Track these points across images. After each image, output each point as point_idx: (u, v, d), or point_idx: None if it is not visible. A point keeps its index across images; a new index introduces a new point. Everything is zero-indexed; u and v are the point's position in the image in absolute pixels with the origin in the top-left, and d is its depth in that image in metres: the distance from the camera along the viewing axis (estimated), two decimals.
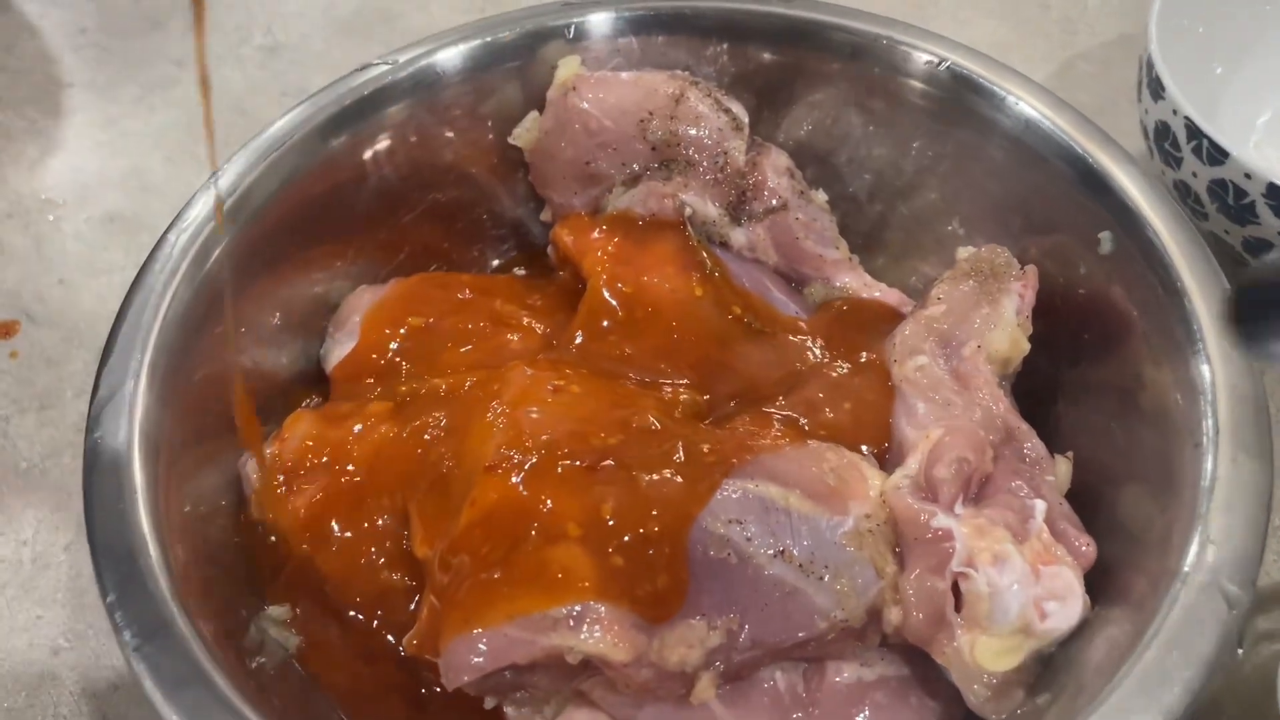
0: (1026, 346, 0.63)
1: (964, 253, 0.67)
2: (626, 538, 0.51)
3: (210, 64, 0.99)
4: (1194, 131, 0.73)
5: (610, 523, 0.52)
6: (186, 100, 0.96)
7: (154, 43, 1.01)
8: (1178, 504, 0.54)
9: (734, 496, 0.54)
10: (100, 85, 0.98)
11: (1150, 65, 0.77)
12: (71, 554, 0.72)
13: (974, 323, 0.62)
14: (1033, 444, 0.60)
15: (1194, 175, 0.75)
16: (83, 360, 0.82)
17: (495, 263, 0.79)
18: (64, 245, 0.88)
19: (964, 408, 0.59)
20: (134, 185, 0.91)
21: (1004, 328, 0.62)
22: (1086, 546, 0.56)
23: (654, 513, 0.52)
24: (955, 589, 0.54)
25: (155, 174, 0.92)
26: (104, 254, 0.87)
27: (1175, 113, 0.74)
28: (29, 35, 1.02)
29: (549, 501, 0.52)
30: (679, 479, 0.54)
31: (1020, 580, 0.53)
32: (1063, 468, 0.61)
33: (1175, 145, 0.75)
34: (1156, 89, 0.76)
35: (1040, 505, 0.56)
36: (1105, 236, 0.64)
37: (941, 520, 0.55)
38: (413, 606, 0.58)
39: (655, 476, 0.54)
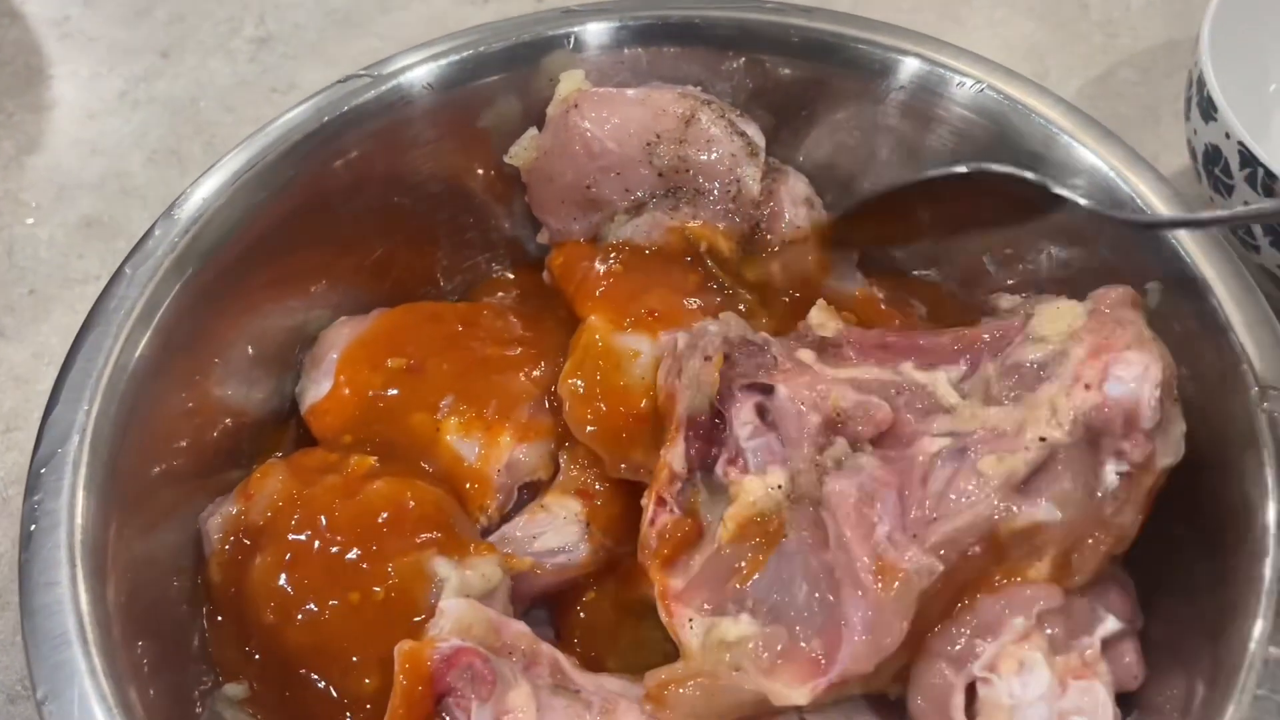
0: None
1: (1007, 302, 0.60)
2: None
3: (197, 55, 0.93)
4: (1248, 158, 0.67)
5: None
6: (171, 96, 0.91)
7: (140, 33, 0.95)
8: (1233, 606, 0.49)
9: None
10: (82, 78, 0.93)
11: (1201, 84, 0.71)
12: None
13: None
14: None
15: (1246, 205, 0.68)
16: (52, 379, 0.76)
17: (492, 274, 0.73)
18: (37, 252, 0.83)
19: None
20: (113, 188, 0.86)
21: None
22: (1135, 679, 0.51)
23: None
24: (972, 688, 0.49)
25: (136, 176, 0.87)
26: (79, 262, 0.82)
27: (1228, 137, 0.68)
28: (9, 21, 0.96)
29: None
30: None
31: (1045, 695, 0.48)
32: None
33: (1226, 172, 0.69)
34: (1208, 110, 0.70)
35: (1112, 623, 0.51)
36: (1153, 288, 0.58)
37: None
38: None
39: None
